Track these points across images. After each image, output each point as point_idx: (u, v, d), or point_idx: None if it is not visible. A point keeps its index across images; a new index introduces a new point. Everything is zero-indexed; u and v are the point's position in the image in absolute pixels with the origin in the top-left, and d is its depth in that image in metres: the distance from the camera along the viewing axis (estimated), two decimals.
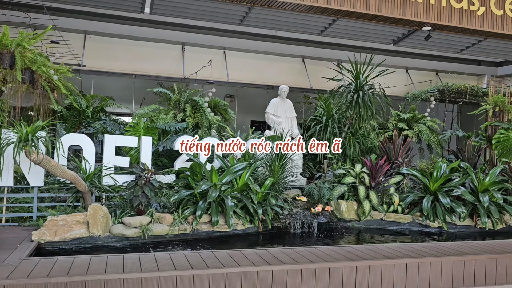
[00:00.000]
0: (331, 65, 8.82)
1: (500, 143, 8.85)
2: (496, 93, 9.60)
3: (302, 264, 4.32)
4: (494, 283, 5.03)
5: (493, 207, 7.00)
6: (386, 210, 7.23)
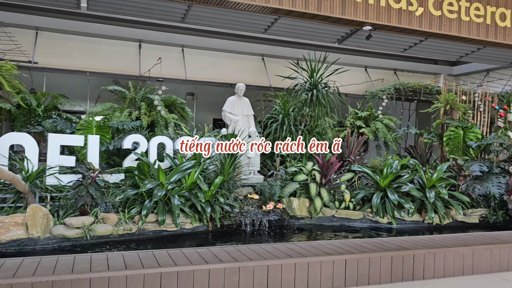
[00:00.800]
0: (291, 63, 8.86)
1: (451, 140, 9.11)
2: (448, 92, 9.88)
3: (240, 262, 4.33)
4: (432, 277, 5.18)
5: (440, 203, 7.20)
6: (337, 207, 7.34)
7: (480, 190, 7.75)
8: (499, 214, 7.62)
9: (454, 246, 5.43)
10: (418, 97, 10.98)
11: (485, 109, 9.91)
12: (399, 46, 6.09)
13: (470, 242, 5.69)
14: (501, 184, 7.87)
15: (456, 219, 7.55)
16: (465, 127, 9.05)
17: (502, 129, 9.48)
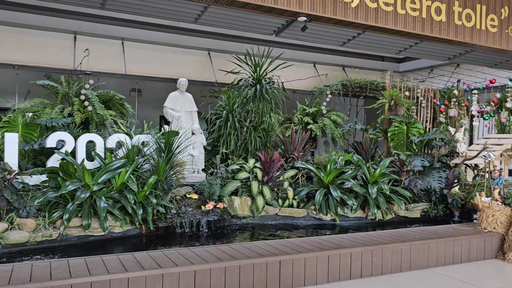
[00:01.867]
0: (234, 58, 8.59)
1: (395, 135, 9.15)
2: (392, 88, 9.94)
3: (164, 269, 4.00)
4: (370, 275, 5.06)
5: (382, 198, 7.16)
6: (281, 205, 7.14)
7: (421, 185, 7.79)
8: (439, 208, 7.69)
9: (392, 242, 5.35)
10: (365, 93, 11.01)
11: (428, 105, 10.05)
12: (338, 39, 5.95)
13: (409, 237, 5.63)
14: (442, 178, 7.95)
15: (398, 214, 7.55)
16: (408, 122, 9.12)
17: (443, 124, 9.64)
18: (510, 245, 5.99)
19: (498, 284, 4.94)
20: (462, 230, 6.30)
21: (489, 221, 6.30)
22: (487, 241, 6.06)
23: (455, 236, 5.82)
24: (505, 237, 6.14)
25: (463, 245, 5.82)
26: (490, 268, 5.60)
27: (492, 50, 6.61)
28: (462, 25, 5.91)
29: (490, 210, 6.38)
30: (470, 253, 5.89)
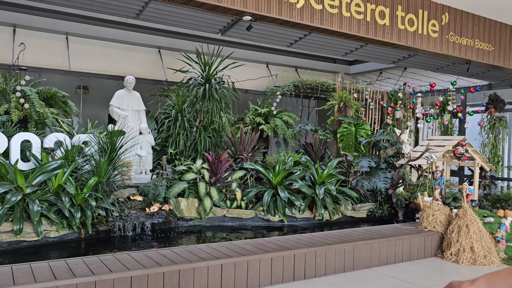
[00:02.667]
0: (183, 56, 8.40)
1: (344, 136, 9.30)
2: (342, 89, 10.10)
3: (97, 276, 3.80)
4: (313, 276, 5.07)
5: (329, 199, 7.23)
6: (229, 206, 7.05)
7: (368, 185, 7.95)
8: (384, 208, 7.87)
9: (336, 243, 5.40)
10: (316, 94, 11.13)
11: (376, 107, 10.30)
12: (285, 40, 5.94)
13: (352, 238, 5.70)
14: (387, 178, 8.15)
15: (345, 214, 7.66)
16: (356, 124, 9.29)
17: (390, 126, 9.90)
18: (449, 243, 6.21)
19: (436, 281, 5.09)
20: (404, 229, 6.47)
21: (430, 221, 6.50)
22: (427, 240, 6.25)
23: (397, 236, 5.96)
24: (444, 236, 6.36)
25: (404, 244, 5.97)
26: (429, 266, 5.78)
27: (433, 55, 6.83)
28: (405, 30, 6.06)
29: (431, 210, 6.59)
30: (411, 252, 6.06)
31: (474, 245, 5.96)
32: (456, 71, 8.16)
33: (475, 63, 7.34)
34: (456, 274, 5.46)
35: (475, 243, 5.97)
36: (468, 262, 5.87)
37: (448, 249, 6.14)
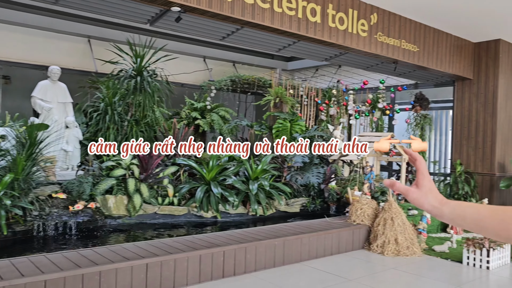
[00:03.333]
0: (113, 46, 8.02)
1: (280, 132, 9.38)
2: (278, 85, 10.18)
3: (6, 281, 3.50)
4: (243, 272, 5.04)
5: (262, 194, 7.25)
6: (160, 203, 6.85)
7: (301, 181, 8.07)
8: (317, 202, 8.04)
9: (267, 238, 5.40)
10: (253, 90, 11.14)
11: (311, 103, 10.49)
12: (216, 33, 5.83)
13: (283, 233, 5.74)
14: (320, 174, 8.32)
15: (279, 209, 7.72)
16: (291, 119, 9.40)
17: (324, 122, 10.13)
18: (375, 235, 6.45)
19: (361, 273, 5.26)
20: (334, 223, 6.63)
21: (358, 214, 6.71)
22: (356, 233, 6.45)
23: (327, 230, 6.09)
24: (371, 229, 6.59)
25: (333, 238, 6.11)
26: (356, 258, 5.96)
27: (363, 54, 7.03)
28: (335, 28, 6.17)
29: (359, 204, 6.80)
30: (340, 245, 6.22)
31: (398, 237, 6.23)
32: (384, 70, 8.49)
33: (402, 62, 7.66)
34: (381, 265, 5.67)
35: (399, 235, 6.24)
36: (392, 254, 6.13)
37: (375, 241, 6.38)
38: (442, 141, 12.25)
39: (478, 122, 8.96)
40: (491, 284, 5.10)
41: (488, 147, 8.80)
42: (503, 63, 8.82)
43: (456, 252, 6.38)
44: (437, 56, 8.13)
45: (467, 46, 8.89)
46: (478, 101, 8.96)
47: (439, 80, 9.47)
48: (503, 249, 5.92)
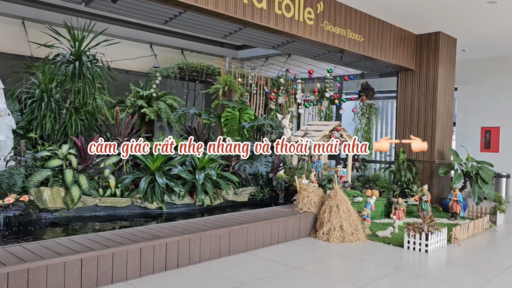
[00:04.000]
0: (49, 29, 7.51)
1: (228, 121, 9.24)
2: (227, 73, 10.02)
3: None
4: (187, 264, 4.90)
5: (209, 184, 7.11)
6: (102, 194, 6.54)
7: (249, 170, 8.00)
8: (265, 191, 8.01)
9: (212, 228, 5.29)
10: (201, 78, 10.90)
11: (260, 92, 10.42)
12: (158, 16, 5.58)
13: (229, 222, 5.65)
14: (269, 162, 8.30)
15: (227, 199, 7.62)
16: (240, 108, 9.28)
17: (273, 111, 10.10)
18: (321, 223, 6.51)
19: (306, 260, 5.27)
20: (282, 211, 6.62)
21: (305, 202, 6.75)
22: (302, 221, 6.48)
23: (273, 219, 6.06)
24: (318, 216, 6.65)
25: (280, 226, 6.10)
26: (302, 246, 5.98)
27: (310, 42, 7.01)
28: (282, 15, 6.09)
29: (306, 192, 6.83)
30: (287, 233, 6.22)
31: (343, 223, 6.33)
32: (331, 59, 8.56)
33: (348, 52, 7.74)
34: (326, 252, 5.73)
35: (344, 222, 6.34)
36: (337, 240, 6.21)
37: (321, 229, 6.44)
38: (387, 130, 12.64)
39: (419, 112, 9.27)
40: (429, 266, 5.28)
41: (429, 136, 9.14)
42: (443, 55, 9.16)
43: (397, 237, 6.57)
44: (382, 46, 8.28)
45: (409, 37, 9.14)
46: (420, 91, 9.27)
47: (383, 70, 9.70)
48: (441, 233, 6.17)
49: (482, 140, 11.75)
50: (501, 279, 4.79)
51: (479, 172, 8.30)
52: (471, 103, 11.93)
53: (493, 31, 8.99)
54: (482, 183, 8.21)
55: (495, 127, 11.57)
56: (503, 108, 11.43)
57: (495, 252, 6.02)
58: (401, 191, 9.02)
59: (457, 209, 7.99)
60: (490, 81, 11.62)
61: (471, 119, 11.95)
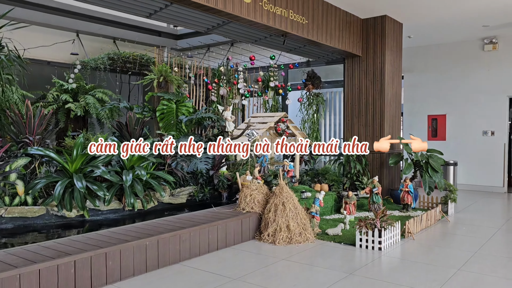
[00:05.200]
0: None
1: (164, 115, 8.39)
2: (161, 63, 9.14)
3: None
4: (104, 283, 4.08)
5: (139, 186, 6.25)
6: (8, 203, 5.52)
7: (187, 167, 7.23)
8: (206, 191, 7.27)
9: (137, 238, 4.48)
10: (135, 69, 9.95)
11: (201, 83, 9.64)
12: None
13: (159, 230, 4.86)
14: (209, 159, 7.56)
15: (162, 201, 6.81)
16: (177, 100, 8.46)
17: (215, 103, 9.36)
18: (266, 223, 5.86)
19: (249, 269, 4.60)
20: (222, 213, 5.92)
21: (247, 201, 6.08)
22: (245, 223, 5.81)
23: (212, 222, 5.34)
24: (262, 216, 6.00)
25: (219, 230, 5.39)
26: (245, 252, 5.31)
27: (249, 23, 6.34)
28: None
29: (248, 190, 6.17)
30: (228, 238, 5.52)
31: (290, 223, 5.72)
32: (274, 45, 7.92)
33: (291, 36, 7.13)
34: (272, 256, 5.09)
35: (291, 221, 5.73)
36: (284, 242, 5.60)
37: (266, 230, 5.80)
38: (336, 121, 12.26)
39: (367, 100, 8.87)
40: (383, 267, 4.77)
41: (378, 125, 8.76)
42: (389, 40, 8.79)
43: (349, 234, 6.06)
44: (327, 30, 7.75)
45: (355, 22, 8.69)
46: (367, 78, 8.86)
47: (330, 57, 9.21)
48: (394, 228, 5.71)
49: (429, 129, 11.63)
50: (461, 277, 4.35)
51: (429, 161, 8.00)
52: (417, 91, 11.78)
53: (438, 16, 8.73)
54: (433, 172, 7.92)
55: (441, 115, 11.48)
56: (448, 95, 11.34)
57: (450, 246, 5.64)
58: (351, 184, 8.58)
59: (408, 200, 7.64)
60: (435, 69, 11.50)
61: (417, 108, 11.79)
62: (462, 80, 11.11)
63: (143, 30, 11.70)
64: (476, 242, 5.77)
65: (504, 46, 10.52)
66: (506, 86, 10.55)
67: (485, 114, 10.81)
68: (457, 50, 11.13)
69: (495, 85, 10.67)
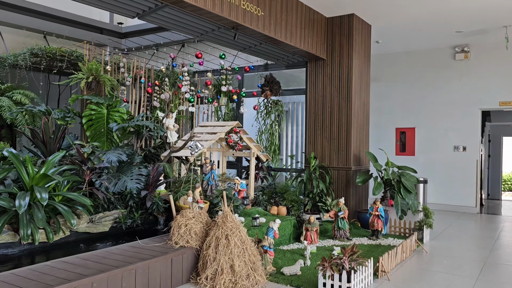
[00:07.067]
0: None
1: (93, 121, 6.97)
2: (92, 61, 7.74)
3: None
4: None
5: (40, 213, 4.80)
6: None
7: (113, 187, 5.83)
8: (136, 216, 5.88)
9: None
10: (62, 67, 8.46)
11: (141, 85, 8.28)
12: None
13: (46, 279, 3.47)
14: (142, 176, 6.18)
15: (77, 230, 5.36)
16: (109, 105, 7.07)
17: (157, 109, 8.02)
18: (204, 262, 4.56)
19: None
20: (147, 249, 4.57)
21: (181, 233, 4.76)
22: (176, 262, 4.49)
23: (129, 264, 3.98)
24: (200, 253, 4.70)
25: (139, 275, 4.03)
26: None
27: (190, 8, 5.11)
28: None
29: (183, 218, 4.85)
30: (151, 285, 4.17)
31: (235, 262, 4.44)
32: (223, 40, 6.69)
33: (243, 29, 5.95)
34: None
35: (236, 259, 4.45)
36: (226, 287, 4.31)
37: (204, 272, 4.50)
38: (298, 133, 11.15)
39: (333, 109, 7.79)
40: None
41: (344, 138, 7.68)
42: (357, 42, 7.78)
43: (310, 274, 4.86)
44: (286, 26, 6.63)
45: (320, 20, 7.63)
46: (333, 84, 7.79)
47: (290, 59, 8.09)
48: (366, 268, 4.55)
49: (397, 143, 10.72)
50: None
51: (401, 179, 6.97)
52: (384, 102, 10.87)
53: (410, 17, 7.82)
54: (405, 192, 6.89)
55: (410, 128, 10.61)
56: (417, 107, 10.50)
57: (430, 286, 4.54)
58: (314, 205, 7.44)
59: (378, 226, 6.56)
60: (403, 78, 10.66)
61: (385, 120, 10.88)
62: (432, 91, 10.30)
63: (81, 26, 10.26)
64: (463, 284, 4.70)
65: (475, 55, 9.79)
66: (478, 98, 9.80)
67: (456, 127, 10.01)
68: (427, 59, 10.32)
69: (467, 97, 9.91)
